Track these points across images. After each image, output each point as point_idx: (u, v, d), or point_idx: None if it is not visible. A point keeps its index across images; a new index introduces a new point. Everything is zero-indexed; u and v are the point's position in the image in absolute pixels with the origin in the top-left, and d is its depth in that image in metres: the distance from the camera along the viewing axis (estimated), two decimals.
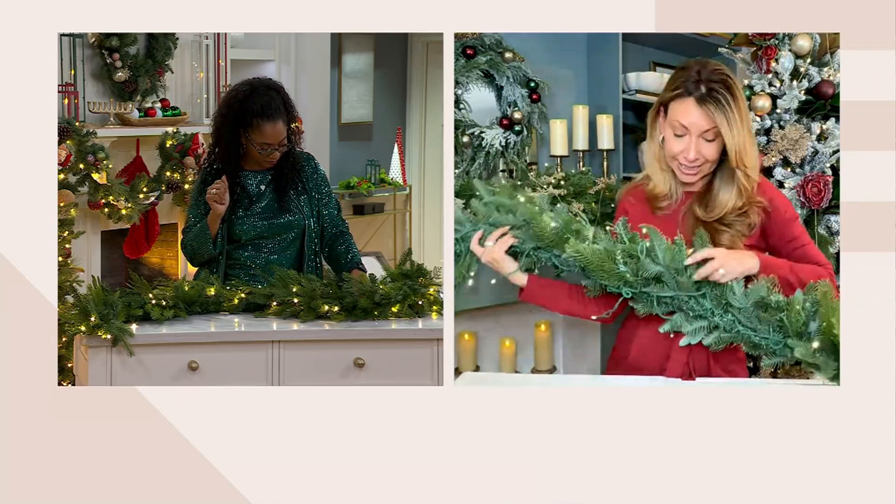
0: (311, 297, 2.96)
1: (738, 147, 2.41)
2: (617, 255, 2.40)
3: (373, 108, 6.94)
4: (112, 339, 2.76)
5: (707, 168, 2.48)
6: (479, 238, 2.52)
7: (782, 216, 2.51)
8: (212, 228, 3.24)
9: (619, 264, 2.39)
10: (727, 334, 2.38)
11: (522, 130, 3.80)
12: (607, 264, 2.40)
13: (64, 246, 4.21)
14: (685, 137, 2.44)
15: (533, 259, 2.53)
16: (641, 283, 2.40)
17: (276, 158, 3.28)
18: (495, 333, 3.62)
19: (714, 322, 2.38)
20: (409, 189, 7.08)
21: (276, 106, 3.24)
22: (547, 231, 2.47)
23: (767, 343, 2.35)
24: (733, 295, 2.35)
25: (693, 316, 2.40)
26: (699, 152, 2.44)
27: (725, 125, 2.40)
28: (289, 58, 6.13)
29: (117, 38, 4.88)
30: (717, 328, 2.38)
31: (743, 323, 2.36)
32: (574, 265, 2.47)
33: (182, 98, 5.38)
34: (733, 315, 2.36)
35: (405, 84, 7.23)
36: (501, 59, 3.80)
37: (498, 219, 2.53)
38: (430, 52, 7.14)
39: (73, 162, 4.42)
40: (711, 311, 2.38)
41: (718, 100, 2.40)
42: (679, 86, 2.44)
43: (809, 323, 2.31)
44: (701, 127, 2.42)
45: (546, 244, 2.50)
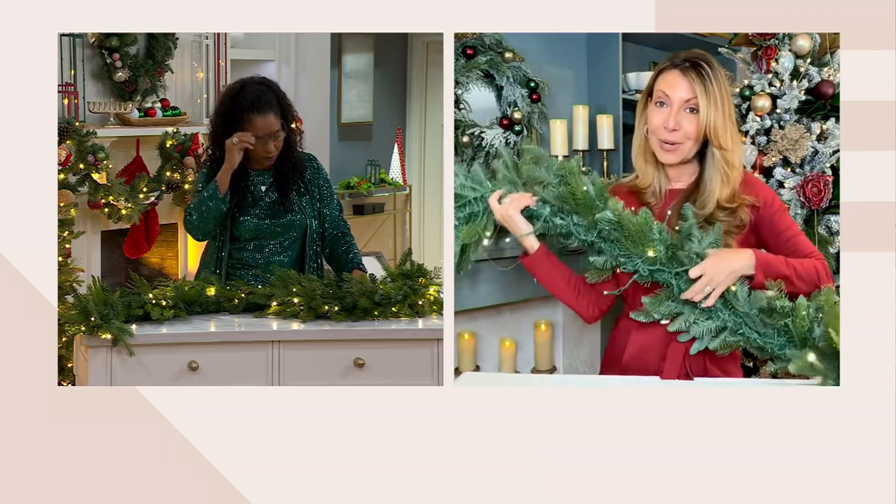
0: (312, 297, 2.96)
1: (713, 123, 2.44)
2: (654, 224, 2.39)
3: (373, 108, 6.94)
4: (112, 339, 2.76)
5: (686, 149, 2.48)
6: (498, 196, 2.50)
7: (770, 209, 2.52)
8: (222, 183, 3.23)
9: (655, 232, 2.38)
10: (733, 337, 2.39)
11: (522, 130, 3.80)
12: (643, 232, 2.38)
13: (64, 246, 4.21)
14: (666, 109, 2.47)
15: (548, 224, 2.49)
16: (667, 261, 2.39)
17: (272, 152, 3.28)
18: (495, 333, 3.62)
19: (722, 322, 2.38)
20: (409, 189, 7.08)
21: (266, 99, 3.25)
22: (579, 191, 2.43)
23: (772, 347, 2.36)
24: (737, 300, 2.36)
25: (701, 315, 2.40)
26: (678, 123, 2.46)
27: (703, 96, 2.44)
28: (289, 58, 6.13)
29: (117, 38, 4.88)
30: (724, 330, 2.38)
31: (748, 325, 2.37)
32: (601, 232, 2.42)
33: (182, 98, 5.38)
34: (740, 317, 2.37)
35: (405, 84, 7.23)
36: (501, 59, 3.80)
37: (531, 171, 2.48)
38: (430, 52, 7.14)
39: (73, 162, 4.42)
40: (719, 312, 2.38)
41: (700, 72, 2.45)
42: (665, 63, 2.51)
43: (814, 328, 2.31)
44: (682, 96, 2.45)
45: (572, 206, 2.45)
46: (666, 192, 2.55)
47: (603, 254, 2.46)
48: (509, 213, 2.48)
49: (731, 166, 2.47)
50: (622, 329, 2.60)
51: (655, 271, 2.41)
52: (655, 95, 2.50)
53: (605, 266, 2.47)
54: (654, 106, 2.50)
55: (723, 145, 2.46)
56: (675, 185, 2.55)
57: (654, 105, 2.50)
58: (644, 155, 2.56)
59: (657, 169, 2.54)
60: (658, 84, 2.50)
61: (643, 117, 2.55)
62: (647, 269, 2.41)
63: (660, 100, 2.49)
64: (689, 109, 2.46)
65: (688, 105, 2.46)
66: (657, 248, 2.39)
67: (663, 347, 2.50)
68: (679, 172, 2.55)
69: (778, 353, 2.35)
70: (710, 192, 2.48)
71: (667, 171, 2.55)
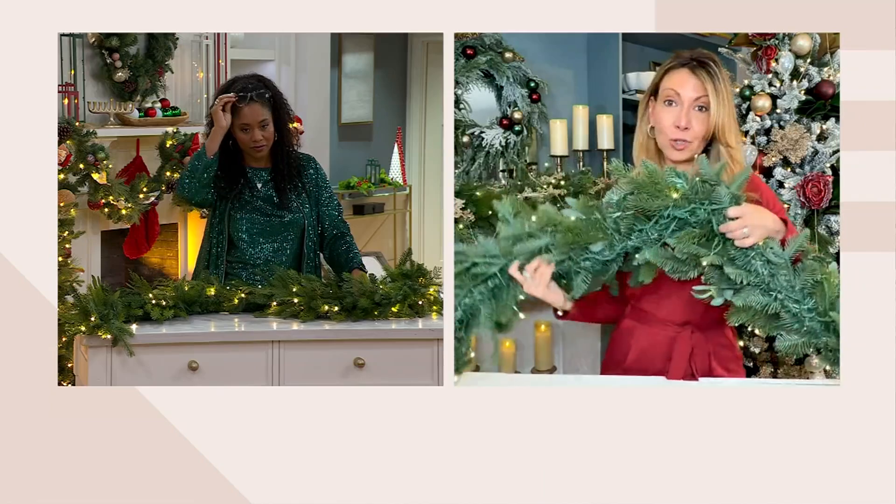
0: (311, 297, 2.96)
1: (722, 121, 2.45)
2: (667, 168, 2.27)
3: (373, 108, 6.94)
4: (112, 339, 2.76)
5: (695, 147, 2.48)
6: (517, 267, 2.34)
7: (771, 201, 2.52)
8: (210, 145, 3.25)
9: (671, 174, 2.24)
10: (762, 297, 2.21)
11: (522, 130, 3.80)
12: (658, 177, 2.24)
13: (64, 246, 4.21)
14: (676, 108, 2.47)
15: (581, 275, 2.31)
16: (697, 195, 2.22)
17: (259, 142, 3.28)
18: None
19: (756, 278, 2.22)
20: (409, 189, 7.07)
21: (252, 88, 3.27)
22: (573, 227, 2.27)
23: (799, 308, 2.21)
24: (771, 251, 2.22)
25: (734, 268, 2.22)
26: (689, 122, 2.46)
27: (713, 94, 2.44)
28: (289, 58, 6.12)
29: (117, 38, 4.87)
30: (757, 288, 2.22)
31: (780, 281, 2.21)
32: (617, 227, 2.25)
33: (182, 98, 5.37)
34: (772, 271, 2.21)
35: (405, 84, 7.23)
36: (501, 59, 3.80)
37: (522, 248, 2.33)
38: (430, 52, 7.14)
39: (73, 162, 4.41)
40: (752, 262, 2.21)
41: (709, 71, 2.46)
42: (672, 63, 2.51)
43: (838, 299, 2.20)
44: (692, 94, 2.45)
45: (578, 242, 2.29)
46: None
47: (640, 250, 2.27)
48: (540, 293, 2.35)
49: (735, 163, 2.48)
50: (624, 330, 2.59)
51: (691, 212, 2.23)
52: (663, 94, 2.50)
53: (645, 260, 2.27)
54: (661, 105, 2.50)
55: (729, 143, 2.47)
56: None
57: (661, 104, 2.50)
58: (646, 153, 2.56)
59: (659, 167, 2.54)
60: (665, 83, 2.50)
61: (645, 116, 2.55)
62: (684, 214, 2.23)
63: (668, 98, 2.49)
64: (699, 108, 2.47)
65: (697, 103, 2.46)
66: (680, 186, 2.23)
67: (668, 348, 2.50)
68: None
69: (802, 318, 2.20)
70: None
71: None
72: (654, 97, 2.53)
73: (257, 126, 3.26)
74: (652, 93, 2.54)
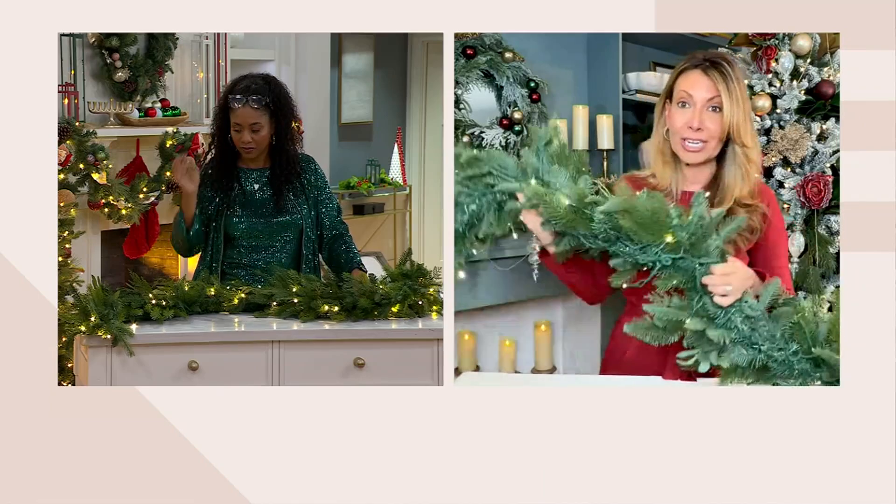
0: (311, 297, 2.96)
1: (737, 120, 2.46)
2: (671, 209, 2.24)
3: (373, 108, 6.94)
4: (112, 339, 2.76)
5: (710, 148, 2.49)
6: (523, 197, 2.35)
7: (777, 230, 2.54)
8: (185, 210, 3.23)
9: (674, 217, 2.24)
10: (747, 352, 2.27)
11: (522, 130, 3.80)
12: (658, 222, 2.24)
13: (64, 246, 4.21)
14: (689, 109, 2.48)
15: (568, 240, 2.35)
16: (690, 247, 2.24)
17: (248, 144, 3.25)
18: (495, 333, 3.62)
19: (738, 334, 2.27)
20: (409, 189, 7.08)
21: (252, 90, 3.24)
22: (562, 208, 2.28)
23: (785, 355, 2.26)
24: (747, 304, 2.26)
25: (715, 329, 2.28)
26: (702, 122, 2.46)
27: (727, 94, 2.45)
28: (289, 58, 6.13)
29: (117, 38, 4.87)
30: (739, 344, 2.27)
31: (759, 333, 2.27)
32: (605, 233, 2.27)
33: (182, 98, 5.38)
34: (752, 325, 2.27)
35: (405, 84, 7.23)
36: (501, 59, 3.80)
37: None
38: (430, 52, 7.14)
39: (73, 162, 4.42)
40: (732, 318, 2.27)
41: (722, 71, 2.47)
42: (685, 64, 2.52)
43: (819, 325, 2.25)
44: (705, 95, 2.46)
45: (565, 223, 2.30)
46: (681, 193, 2.55)
47: (618, 256, 2.32)
48: (532, 224, 2.36)
49: (751, 163, 2.50)
50: (623, 326, 2.60)
51: (678, 260, 2.26)
52: (677, 96, 2.51)
53: (625, 266, 2.33)
54: (675, 107, 2.51)
55: (745, 143, 2.49)
56: (691, 186, 2.55)
57: (675, 106, 2.51)
58: (663, 156, 2.56)
59: (675, 170, 2.55)
60: (679, 85, 2.51)
61: (662, 119, 2.56)
62: (669, 259, 2.27)
63: (682, 100, 2.50)
64: (712, 108, 2.47)
65: (710, 104, 2.47)
66: (677, 233, 2.24)
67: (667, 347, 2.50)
68: (697, 173, 2.55)
69: (790, 361, 2.25)
70: (728, 188, 2.49)
71: (684, 172, 2.56)
72: (670, 100, 2.54)
73: (248, 128, 3.24)
74: (667, 96, 2.55)
